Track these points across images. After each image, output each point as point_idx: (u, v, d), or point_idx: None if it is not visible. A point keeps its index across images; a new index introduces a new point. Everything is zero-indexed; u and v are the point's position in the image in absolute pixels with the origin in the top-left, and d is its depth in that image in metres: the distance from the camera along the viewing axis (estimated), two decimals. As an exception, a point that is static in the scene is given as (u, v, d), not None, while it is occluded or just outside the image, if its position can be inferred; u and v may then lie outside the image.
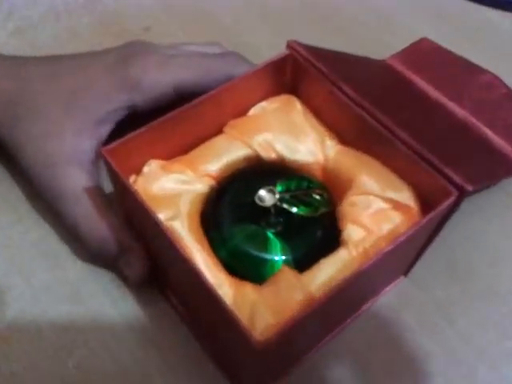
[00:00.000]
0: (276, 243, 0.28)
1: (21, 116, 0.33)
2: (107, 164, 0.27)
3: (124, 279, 0.32)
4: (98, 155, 0.33)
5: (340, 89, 0.30)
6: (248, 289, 0.26)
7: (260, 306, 0.25)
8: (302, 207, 0.28)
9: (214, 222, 0.29)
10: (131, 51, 0.34)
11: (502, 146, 0.38)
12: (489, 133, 0.38)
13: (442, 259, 0.35)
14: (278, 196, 0.27)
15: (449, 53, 0.42)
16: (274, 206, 0.27)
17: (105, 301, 0.32)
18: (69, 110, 0.33)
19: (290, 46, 0.31)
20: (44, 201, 0.33)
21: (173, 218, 0.27)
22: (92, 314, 0.32)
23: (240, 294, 0.26)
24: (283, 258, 0.28)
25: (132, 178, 0.29)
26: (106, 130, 0.33)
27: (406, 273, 0.34)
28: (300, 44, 0.31)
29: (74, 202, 0.31)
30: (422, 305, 0.33)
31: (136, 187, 0.28)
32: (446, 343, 0.32)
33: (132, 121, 0.33)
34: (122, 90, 0.33)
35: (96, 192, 0.32)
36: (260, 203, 0.27)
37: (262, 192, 0.27)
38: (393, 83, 0.38)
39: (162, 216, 0.27)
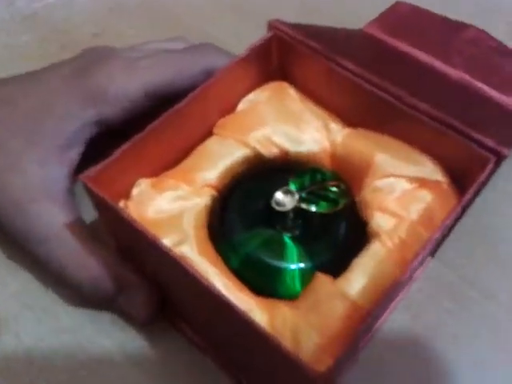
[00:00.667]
0: (293, 249, 0.25)
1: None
2: (90, 193, 0.23)
3: (128, 318, 0.28)
4: (72, 183, 0.29)
5: (339, 64, 0.26)
6: (283, 308, 0.22)
7: (303, 327, 0.22)
8: (321, 204, 0.25)
9: (223, 233, 0.25)
10: (90, 59, 0.30)
11: (502, 100, 0.35)
12: (489, 91, 0.35)
13: (466, 233, 0.32)
14: (297, 197, 0.24)
15: (427, 12, 0.40)
16: (293, 208, 0.24)
17: (109, 346, 0.28)
18: (29, 138, 0.28)
19: (272, 26, 0.27)
20: (19, 246, 0.28)
21: (180, 243, 0.23)
22: (96, 363, 0.28)
23: (276, 316, 0.22)
24: (301, 266, 0.24)
25: (121, 204, 0.25)
26: (76, 152, 0.29)
27: (433, 253, 0.31)
28: (283, 22, 0.28)
29: (54, 242, 0.27)
30: (455, 285, 0.30)
31: (129, 214, 0.24)
32: (489, 319, 0.29)
33: (105, 136, 0.29)
34: (86, 104, 0.28)
35: (78, 225, 0.27)
36: (278, 208, 0.24)
37: (279, 195, 0.24)
38: (380, 53, 0.35)
39: (167, 242, 0.23)
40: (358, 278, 0.23)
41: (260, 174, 0.27)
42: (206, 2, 0.44)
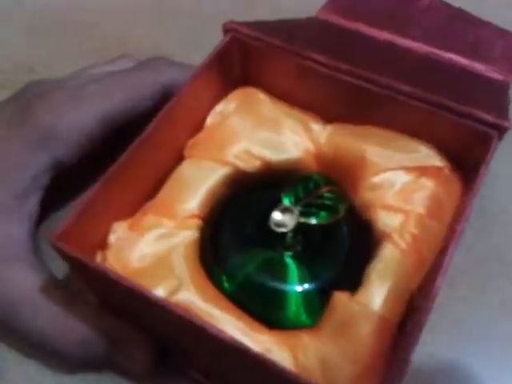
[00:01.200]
0: (295, 269, 0.22)
1: None
2: (62, 254, 0.19)
3: (127, 375, 0.25)
4: (35, 239, 0.26)
5: (307, 58, 0.24)
6: (304, 339, 0.20)
7: (331, 356, 0.19)
8: (321, 214, 0.22)
9: (217, 259, 0.23)
10: (31, 96, 0.26)
11: (472, 66, 0.34)
12: (453, 57, 0.34)
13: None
14: (297, 213, 0.21)
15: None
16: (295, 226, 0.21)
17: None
18: (-24, 197, 0.24)
19: (229, 28, 0.25)
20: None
21: (176, 290, 0.20)
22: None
23: (297, 349, 0.20)
24: (306, 286, 0.22)
25: (99, 257, 0.22)
26: (33, 204, 0.26)
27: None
28: (239, 23, 0.25)
29: (29, 310, 0.23)
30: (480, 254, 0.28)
31: (110, 267, 0.21)
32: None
33: (60, 178, 0.26)
34: (36, 147, 0.25)
35: (52, 286, 0.24)
36: (278, 229, 0.21)
37: (277, 215, 0.21)
38: (339, 38, 0.33)
39: (161, 293, 0.20)
40: (378, 289, 0.21)
41: (246, 192, 0.24)
42: (137, 15, 0.41)
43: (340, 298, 0.21)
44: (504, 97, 0.29)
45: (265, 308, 0.22)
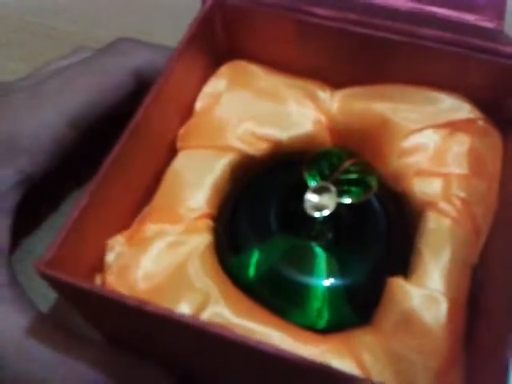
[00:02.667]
0: (323, 261, 0.19)
1: None
2: (55, 282, 0.15)
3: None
4: (11, 270, 0.21)
5: (308, 13, 0.20)
6: (366, 339, 0.17)
7: (403, 354, 0.16)
8: (354, 191, 0.19)
9: (235, 249, 0.20)
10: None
11: (460, 18, 0.31)
12: (439, 10, 0.32)
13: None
14: (334, 191, 0.18)
15: None
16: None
17: None
18: None
19: (207, -9, 0.21)
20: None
21: (202, 307, 0.17)
22: None
23: (359, 352, 0.17)
24: (332, 281, 0.19)
25: (98, 280, 0.18)
26: (2, 231, 0.21)
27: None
28: (217, -15, 0.21)
29: (18, 357, 0.19)
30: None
31: (112, 290, 0.17)
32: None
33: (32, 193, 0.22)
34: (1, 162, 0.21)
35: (40, 324, 0.20)
36: (317, 214, 0.18)
37: (313, 197, 0.18)
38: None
39: (186, 312, 0.16)
40: (435, 267, 0.18)
41: (257, 179, 0.21)
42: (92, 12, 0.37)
43: (398, 283, 0.17)
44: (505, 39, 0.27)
45: (285, 303, 0.18)
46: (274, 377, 0.16)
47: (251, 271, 0.19)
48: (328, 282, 0.19)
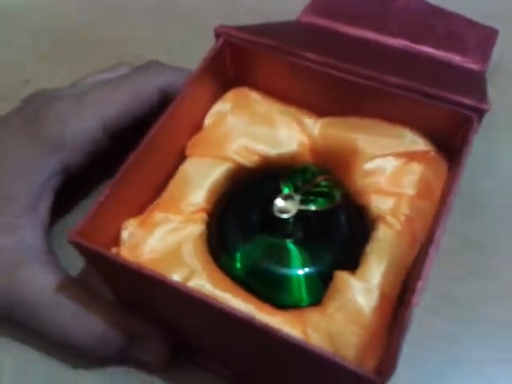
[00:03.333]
0: (297, 254, 0.24)
1: None
2: (81, 249, 0.21)
3: (145, 367, 0.26)
4: (49, 241, 0.27)
5: (299, 56, 0.26)
6: (314, 317, 0.21)
7: (340, 331, 0.21)
8: (318, 201, 0.24)
9: (224, 248, 0.24)
10: (35, 107, 0.27)
11: (449, 58, 0.36)
12: (431, 50, 0.36)
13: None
14: (298, 199, 0.23)
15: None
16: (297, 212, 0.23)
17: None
18: (-10, 204, 0.26)
19: (220, 32, 0.26)
20: (10, 323, 0.26)
21: (189, 278, 0.22)
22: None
23: (307, 325, 0.21)
24: (306, 270, 0.23)
25: (113, 251, 0.23)
26: (44, 208, 0.27)
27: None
28: (229, 27, 0.27)
29: (50, 309, 0.25)
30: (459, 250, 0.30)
31: (124, 258, 0.22)
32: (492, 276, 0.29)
33: (69, 181, 0.28)
34: (45, 156, 0.26)
35: (68, 285, 0.25)
36: (282, 215, 0.23)
37: (279, 202, 0.23)
38: (325, 39, 0.35)
39: (176, 279, 0.21)
40: (377, 266, 0.23)
41: (247, 185, 0.26)
42: (132, 29, 0.42)
43: (342, 276, 0.22)
44: (482, 84, 0.31)
45: (271, 291, 0.23)
46: (237, 337, 0.21)
47: (238, 266, 0.24)
48: (302, 270, 0.23)
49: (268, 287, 0.23)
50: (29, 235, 0.26)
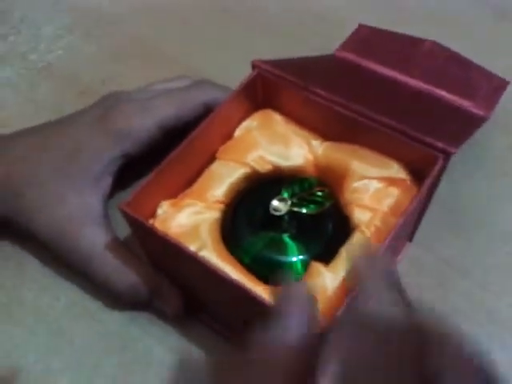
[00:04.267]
0: (292, 245, 0.31)
1: (22, 192, 0.34)
2: (128, 217, 0.29)
3: (163, 315, 0.34)
4: (106, 208, 0.35)
5: (312, 92, 0.32)
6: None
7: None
8: (310, 206, 0.31)
9: (234, 239, 0.31)
10: (109, 105, 0.36)
11: (459, 102, 0.41)
12: (444, 94, 0.42)
13: (438, 219, 0.38)
14: (289, 203, 0.30)
15: (386, 32, 0.46)
16: (287, 212, 0.30)
17: (150, 341, 0.34)
18: (67, 175, 0.34)
19: (255, 65, 0.34)
20: (65, 265, 0.34)
21: (199, 249, 0.29)
22: (141, 358, 0.33)
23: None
24: (301, 257, 0.30)
25: (150, 222, 0.31)
26: (107, 182, 0.35)
27: (410, 239, 0.37)
28: (264, 61, 0.34)
29: (99, 259, 0.33)
30: (433, 264, 0.36)
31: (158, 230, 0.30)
32: (465, 294, 0.35)
33: (126, 165, 0.36)
34: (112, 143, 0.34)
35: (116, 243, 0.33)
36: (275, 213, 0.30)
37: (275, 202, 0.30)
38: (350, 72, 0.41)
39: (192, 249, 0.29)
40: (345, 262, 0.29)
41: (258, 187, 0.33)
42: (196, 44, 0.50)
43: (316, 266, 0.29)
44: (474, 128, 0.37)
45: (273, 274, 0.30)
46: (232, 301, 0.28)
47: (245, 256, 0.30)
48: (297, 258, 0.30)
49: (271, 273, 0.30)
50: (92, 200, 0.34)
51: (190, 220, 0.31)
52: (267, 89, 0.34)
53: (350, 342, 0.19)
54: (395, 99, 0.39)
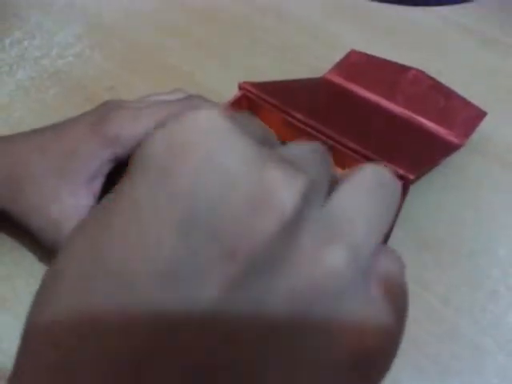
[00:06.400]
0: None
1: (20, 189, 0.37)
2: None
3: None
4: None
5: (290, 115, 0.35)
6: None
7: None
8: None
9: None
10: (106, 111, 0.39)
11: (436, 130, 0.44)
12: (423, 121, 0.44)
13: (406, 237, 0.40)
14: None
15: (376, 58, 0.49)
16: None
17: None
18: (62, 175, 0.37)
19: (241, 87, 0.37)
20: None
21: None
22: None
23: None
24: None
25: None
26: (98, 184, 0.38)
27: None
28: (250, 83, 0.37)
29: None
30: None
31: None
32: (426, 308, 0.37)
33: (115, 170, 0.39)
34: (105, 146, 0.38)
35: None
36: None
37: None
38: (335, 96, 0.44)
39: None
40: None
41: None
42: (202, 60, 0.54)
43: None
44: (444, 155, 0.40)
45: None
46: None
47: None
48: None
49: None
50: (85, 200, 0.37)
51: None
52: (251, 107, 0.37)
53: None
54: (373, 124, 0.42)
